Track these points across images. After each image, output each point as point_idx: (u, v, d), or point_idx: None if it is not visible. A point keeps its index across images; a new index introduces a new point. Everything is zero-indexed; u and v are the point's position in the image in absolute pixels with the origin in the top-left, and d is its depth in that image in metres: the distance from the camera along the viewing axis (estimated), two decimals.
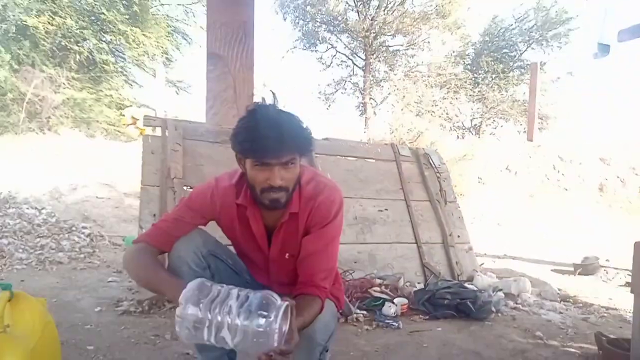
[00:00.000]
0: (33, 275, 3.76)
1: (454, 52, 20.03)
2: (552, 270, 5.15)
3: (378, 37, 18.79)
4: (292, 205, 1.57)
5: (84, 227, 5.03)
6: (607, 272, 4.84)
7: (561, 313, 3.29)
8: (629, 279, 3.32)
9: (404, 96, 12.95)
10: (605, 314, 3.33)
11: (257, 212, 1.61)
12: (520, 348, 2.51)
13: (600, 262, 5.18)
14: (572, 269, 5.00)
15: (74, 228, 4.87)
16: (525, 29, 19.91)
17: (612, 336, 2.38)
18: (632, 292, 1.90)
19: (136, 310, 2.84)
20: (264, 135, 1.40)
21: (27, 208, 5.02)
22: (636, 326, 1.90)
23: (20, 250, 4.17)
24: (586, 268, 4.88)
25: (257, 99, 1.58)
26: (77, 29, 14.35)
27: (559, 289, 4.00)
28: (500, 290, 3.56)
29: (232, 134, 1.48)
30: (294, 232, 1.61)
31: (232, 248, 1.81)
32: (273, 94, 1.55)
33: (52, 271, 3.93)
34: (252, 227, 1.64)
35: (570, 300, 3.70)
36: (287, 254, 1.66)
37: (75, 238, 4.65)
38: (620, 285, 4.40)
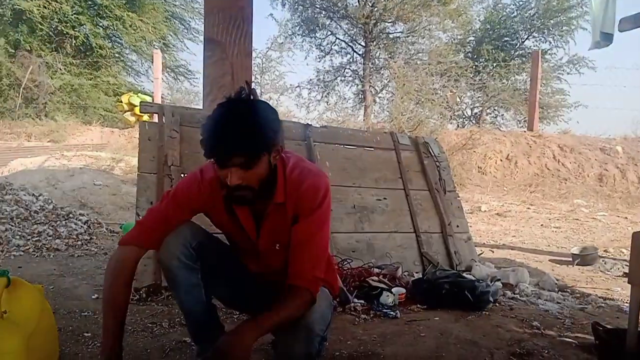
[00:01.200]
0: (30, 262, 3.75)
1: (454, 39, 19.91)
2: (550, 260, 5.15)
3: (378, 23, 18.63)
4: (277, 195, 1.55)
5: (81, 214, 5.02)
6: (605, 263, 4.84)
7: (559, 303, 3.29)
8: (627, 270, 3.32)
9: (404, 84, 12.85)
10: (603, 305, 3.33)
11: None
12: (517, 338, 2.50)
13: (599, 252, 5.18)
14: (570, 259, 5.00)
15: (71, 215, 4.85)
16: (526, 17, 19.77)
17: (608, 326, 2.38)
18: (629, 282, 1.89)
19: (133, 298, 2.82)
20: (215, 136, 1.40)
21: (24, 194, 4.99)
22: (632, 316, 1.90)
23: (18, 237, 4.15)
24: (584, 258, 4.88)
25: (254, 85, 1.54)
26: (72, 14, 14.23)
27: (557, 279, 4.00)
28: (499, 280, 3.55)
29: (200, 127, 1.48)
30: (283, 222, 1.59)
31: (222, 238, 1.80)
32: (248, 85, 1.50)
33: (50, 258, 3.92)
34: (240, 218, 1.62)
35: (568, 290, 3.70)
36: (277, 245, 1.64)
37: (72, 225, 4.64)
38: (618, 276, 4.40)
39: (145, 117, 8.72)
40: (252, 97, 1.48)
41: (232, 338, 1.36)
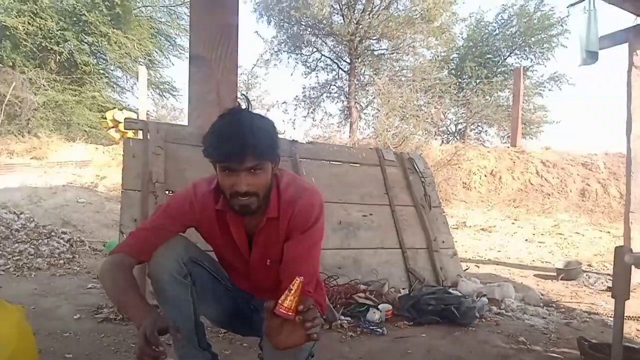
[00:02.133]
0: (11, 282, 3.67)
1: (438, 56, 20.19)
2: (535, 275, 5.19)
3: (363, 41, 18.84)
4: (270, 209, 1.55)
5: (63, 232, 4.94)
6: (589, 277, 4.89)
7: (544, 318, 3.30)
8: (611, 284, 3.36)
9: (389, 100, 12.98)
10: (588, 319, 3.36)
11: (237, 217, 1.58)
12: (503, 353, 2.51)
13: (583, 267, 5.23)
14: (554, 274, 5.04)
15: (53, 233, 4.77)
16: (508, 35, 20.17)
17: (593, 341, 2.39)
18: (612, 296, 1.91)
19: (116, 318, 2.78)
20: (227, 140, 1.40)
21: (5, 213, 4.91)
22: (617, 331, 1.91)
23: None
24: (569, 273, 4.92)
25: (240, 102, 1.55)
26: (57, 30, 14.17)
27: (542, 294, 4.02)
28: (484, 295, 3.57)
29: (203, 138, 1.47)
30: (275, 237, 1.59)
31: (213, 255, 1.78)
32: (246, 98, 1.53)
33: (31, 277, 3.84)
34: (232, 233, 1.61)
35: (553, 305, 3.72)
36: (269, 260, 1.63)
37: (54, 243, 4.56)
38: (602, 290, 4.44)
39: (130, 134, 8.66)
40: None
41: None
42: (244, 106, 1.50)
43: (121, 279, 1.49)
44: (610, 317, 3.22)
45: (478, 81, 19.84)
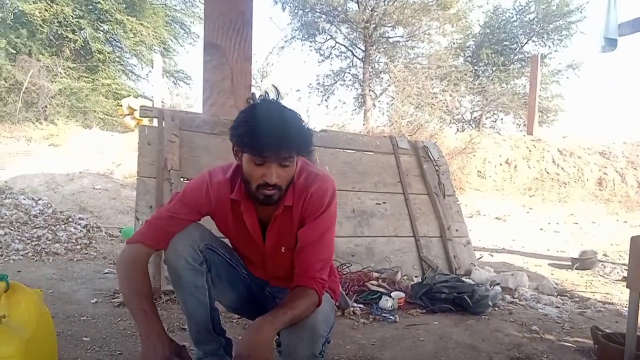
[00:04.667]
0: (29, 266, 3.75)
1: (454, 44, 19.95)
2: (549, 264, 5.16)
3: (378, 28, 18.69)
4: (285, 198, 1.56)
5: (80, 218, 5.01)
6: (604, 267, 4.84)
7: (558, 307, 3.29)
8: (626, 274, 3.32)
9: (404, 88, 12.87)
10: (602, 309, 3.33)
11: (251, 206, 1.59)
12: (516, 342, 2.51)
13: (598, 256, 5.19)
14: (569, 263, 5.00)
15: (70, 219, 4.84)
16: (526, 21, 19.83)
17: (607, 330, 2.38)
18: (627, 286, 1.89)
19: None
20: (265, 131, 1.38)
21: (24, 199, 4.99)
22: (631, 321, 1.90)
23: (17, 241, 4.15)
24: (584, 262, 4.88)
25: (254, 90, 1.54)
26: (73, 18, 14.26)
27: (556, 283, 4.00)
28: (498, 284, 3.56)
29: (232, 126, 1.46)
30: (289, 225, 1.60)
31: (228, 242, 1.80)
32: (276, 88, 1.52)
33: (49, 262, 3.92)
34: (246, 222, 1.62)
35: (567, 294, 3.70)
36: (283, 248, 1.65)
37: (71, 229, 4.63)
38: (617, 280, 4.40)
39: (145, 121, 8.71)
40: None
41: (253, 336, 1.34)
42: (271, 96, 1.49)
43: (136, 285, 1.52)
44: (625, 307, 3.19)
45: (494, 69, 19.59)
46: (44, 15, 13.55)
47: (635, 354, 1.90)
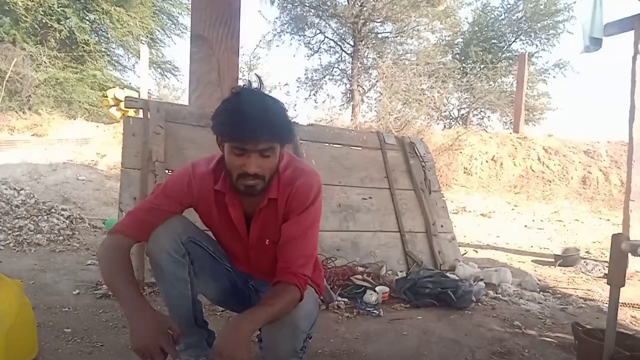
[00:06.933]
0: (11, 257, 3.69)
1: (442, 41, 20.03)
2: (533, 261, 5.21)
3: (367, 23, 18.69)
4: (270, 191, 1.55)
5: (63, 209, 4.94)
6: (586, 264, 4.90)
7: (540, 303, 3.32)
8: (607, 271, 3.37)
9: (392, 84, 12.90)
10: (583, 305, 3.38)
11: (236, 198, 1.58)
12: (498, 337, 2.53)
13: (581, 254, 5.25)
14: (552, 260, 5.06)
15: (53, 210, 4.78)
16: (514, 20, 19.97)
17: (588, 326, 2.41)
18: (608, 283, 1.92)
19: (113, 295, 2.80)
20: (243, 119, 1.37)
21: (6, 189, 4.91)
22: (611, 317, 1.92)
23: None
24: (566, 259, 4.94)
25: (242, 82, 1.53)
26: (58, 7, 14.01)
27: (539, 280, 4.04)
28: (482, 280, 3.59)
29: (213, 115, 1.45)
30: (273, 218, 1.59)
31: (211, 235, 1.79)
32: (259, 78, 1.50)
33: (30, 253, 3.87)
34: (230, 214, 1.61)
35: (550, 290, 3.74)
36: (267, 240, 1.64)
37: (54, 220, 4.57)
38: (599, 277, 4.46)
39: (131, 113, 8.63)
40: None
41: (231, 335, 1.32)
42: (254, 85, 1.47)
43: (114, 264, 1.47)
44: (606, 303, 3.24)
45: (482, 66, 19.71)
46: (27, 4, 13.30)
47: (614, 350, 1.93)
